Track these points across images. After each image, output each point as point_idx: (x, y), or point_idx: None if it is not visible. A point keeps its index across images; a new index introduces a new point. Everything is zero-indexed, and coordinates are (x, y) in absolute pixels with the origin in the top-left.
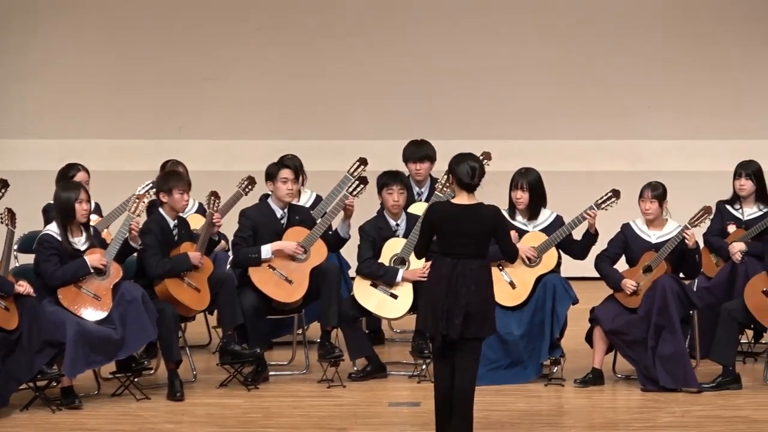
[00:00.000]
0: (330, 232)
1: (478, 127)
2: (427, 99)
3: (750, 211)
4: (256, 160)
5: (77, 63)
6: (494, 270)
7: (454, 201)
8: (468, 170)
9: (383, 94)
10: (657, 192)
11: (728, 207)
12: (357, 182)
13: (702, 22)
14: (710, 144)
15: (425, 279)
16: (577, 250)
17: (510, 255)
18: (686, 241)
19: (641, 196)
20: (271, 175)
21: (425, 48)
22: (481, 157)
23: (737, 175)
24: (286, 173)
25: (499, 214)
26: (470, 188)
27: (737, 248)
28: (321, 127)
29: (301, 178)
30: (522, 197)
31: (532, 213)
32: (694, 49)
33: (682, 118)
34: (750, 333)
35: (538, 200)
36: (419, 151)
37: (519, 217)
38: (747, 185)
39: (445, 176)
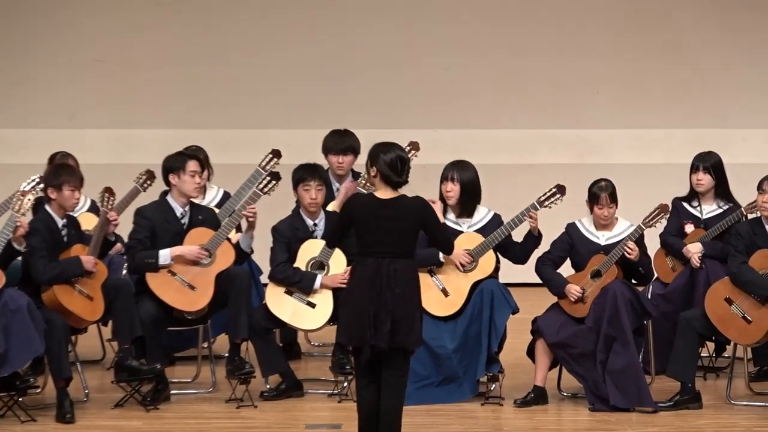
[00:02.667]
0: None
1: (405, 114)
2: (347, 84)
3: (709, 209)
4: (156, 151)
5: None
6: (424, 276)
7: (376, 195)
8: (397, 163)
9: (299, 79)
10: (610, 192)
11: (685, 204)
12: (268, 177)
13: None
14: (665, 133)
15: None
16: (518, 253)
17: (445, 245)
18: (627, 255)
19: (596, 200)
20: (174, 168)
21: (344, 28)
22: (407, 148)
23: (694, 168)
24: (194, 165)
25: (426, 205)
26: (397, 185)
27: (693, 250)
28: (229, 115)
29: (206, 173)
30: (453, 190)
31: (464, 210)
32: (647, 29)
33: (634, 105)
34: (711, 345)
35: (473, 196)
36: (342, 142)
37: (450, 215)
38: (705, 180)
39: (371, 169)
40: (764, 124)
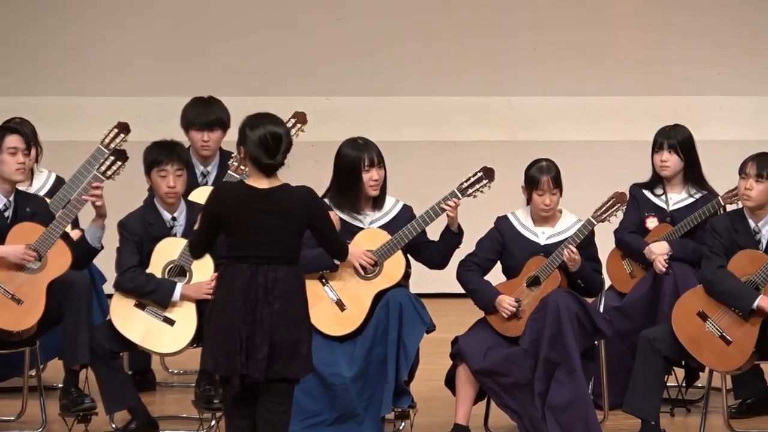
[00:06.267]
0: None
1: (287, 78)
2: (212, 39)
3: (677, 198)
4: None
5: None
6: (314, 284)
7: (249, 183)
8: (268, 141)
9: (151, 33)
10: (553, 175)
11: (646, 192)
12: (112, 158)
13: None
14: (620, 101)
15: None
16: (434, 255)
17: (339, 250)
18: (567, 261)
19: (536, 186)
20: None
21: None
22: (291, 121)
23: (657, 146)
24: (14, 141)
25: (313, 197)
26: (270, 169)
27: (658, 251)
28: (62, 80)
29: (34, 152)
30: (381, 178)
31: (379, 201)
32: None
33: (581, 66)
34: (680, 372)
35: (385, 183)
36: (207, 113)
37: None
38: (671, 161)
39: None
40: (747, 90)
